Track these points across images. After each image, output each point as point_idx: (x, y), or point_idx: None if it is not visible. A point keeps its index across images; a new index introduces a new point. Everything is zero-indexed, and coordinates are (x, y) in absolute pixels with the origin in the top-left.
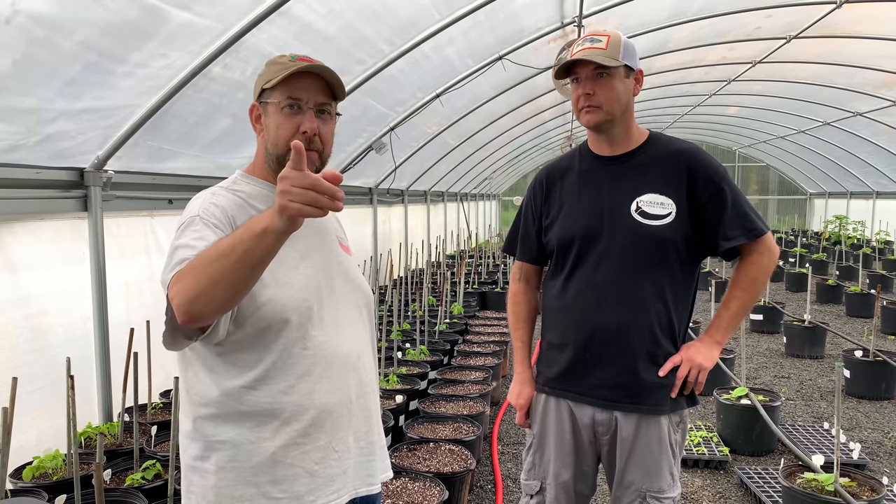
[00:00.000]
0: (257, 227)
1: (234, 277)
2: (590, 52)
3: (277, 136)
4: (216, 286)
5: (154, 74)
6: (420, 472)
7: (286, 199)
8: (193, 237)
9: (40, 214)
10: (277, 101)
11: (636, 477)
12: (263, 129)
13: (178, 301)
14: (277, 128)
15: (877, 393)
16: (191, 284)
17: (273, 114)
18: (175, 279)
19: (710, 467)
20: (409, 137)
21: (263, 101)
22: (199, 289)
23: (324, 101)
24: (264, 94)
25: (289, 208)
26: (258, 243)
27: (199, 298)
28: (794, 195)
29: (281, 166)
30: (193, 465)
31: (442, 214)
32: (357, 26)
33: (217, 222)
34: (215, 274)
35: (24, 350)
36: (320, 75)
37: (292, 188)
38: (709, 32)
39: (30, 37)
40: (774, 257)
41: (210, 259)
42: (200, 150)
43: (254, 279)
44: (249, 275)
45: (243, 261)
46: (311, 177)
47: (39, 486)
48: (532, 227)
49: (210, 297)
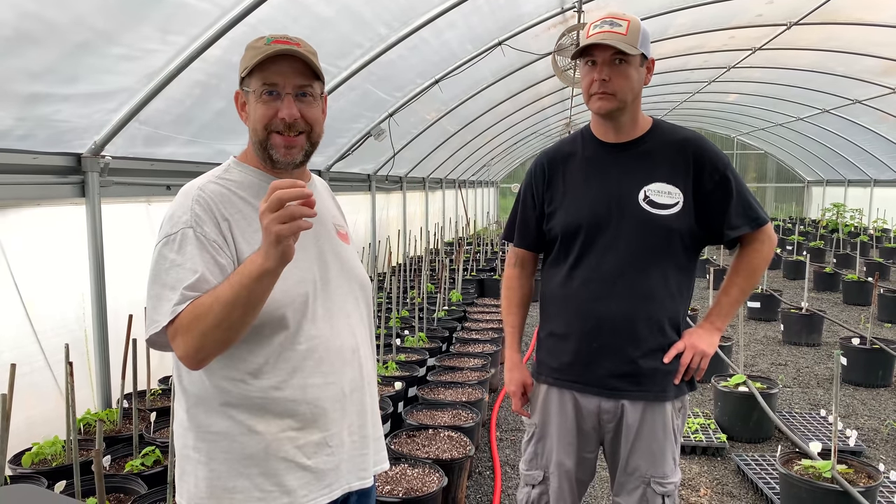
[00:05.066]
0: (255, 271)
1: (236, 320)
2: (610, 36)
3: (255, 123)
4: (220, 330)
5: (152, 58)
6: (419, 459)
7: (275, 228)
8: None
9: (37, 200)
10: (254, 88)
11: (641, 463)
12: (247, 116)
13: (184, 353)
14: (255, 114)
15: (873, 380)
16: (195, 337)
17: (252, 101)
18: (174, 329)
19: (708, 454)
20: (408, 124)
21: (244, 88)
22: (202, 340)
23: (303, 82)
24: (244, 82)
25: (281, 232)
26: (257, 285)
27: (204, 348)
28: (792, 183)
29: (265, 153)
30: (187, 454)
31: (440, 201)
32: (356, 9)
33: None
34: (218, 321)
35: (19, 334)
36: (297, 57)
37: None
38: (710, 19)
39: (22, 11)
40: (773, 245)
41: (210, 309)
42: (198, 134)
43: (255, 316)
44: (250, 314)
45: (246, 305)
46: (274, 196)
47: (39, 473)
48: (531, 213)
49: (215, 342)
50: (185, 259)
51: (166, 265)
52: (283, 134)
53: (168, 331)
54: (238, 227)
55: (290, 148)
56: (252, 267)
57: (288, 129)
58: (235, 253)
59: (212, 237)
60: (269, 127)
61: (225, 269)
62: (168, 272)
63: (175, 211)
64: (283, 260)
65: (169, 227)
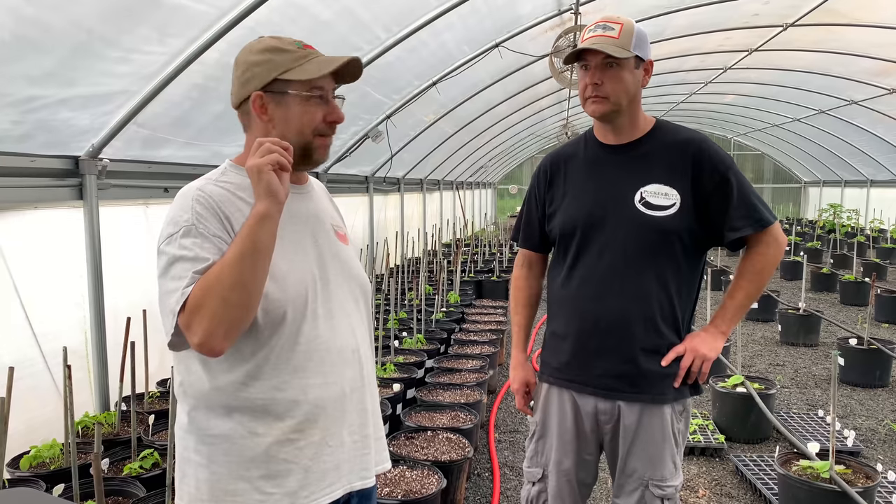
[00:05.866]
0: (251, 219)
1: (248, 277)
2: (601, 40)
3: (302, 125)
4: (234, 295)
5: (149, 60)
6: (418, 461)
7: (255, 161)
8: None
9: (35, 203)
10: (298, 91)
11: (639, 465)
12: (271, 119)
13: (203, 337)
14: (302, 117)
15: (871, 381)
16: (210, 310)
17: (295, 104)
18: (187, 314)
19: (706, 455)
20: (405, 125)
21: (276, 90)
22: (219, 313)
23: (335, 86)
24: (276, 84)
25: (261, 163)
26: (258, 231)
27: (222, 322)
28: (789, 183)
29: (305, 153)
30: (188, 456)
31: (438, 203)
32: (354, 11)
33: (210, 228)
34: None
35: (17, 337)
36: (352, 66)
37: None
38: (706, 20)
39: (19, 15)
40: (781, 248)
41: (219, 275)
42: (195, 137)
43: (265, 271)
44: (259, 266)
45: (253, 256)
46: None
47: (37, 476)
48: (535, 214)
49: (231, 312)
50: (189, 251)
51: (172, 261)
52: (326, 136)
53: (181, 320)
54: (238, 225)
55: (327, 148)
56: (247, 220)
57: (332, 130)
58: None
59: (214, 231)
60: (316, 130)
61: None
62: (174, 266)
63: (176, 212)
64: (272, 194)
65: (171, 228)
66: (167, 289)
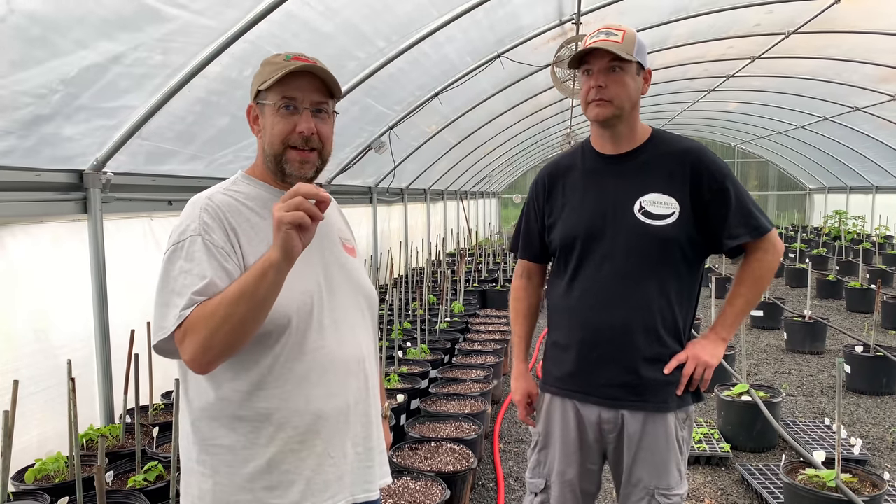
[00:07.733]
0: (259, 264)
1: (243, 318)
2: (606, 43)
3: (273, 136)
4: (227, 328)
5: (153, 74)
6: (421, 472)
7: (279, 213)
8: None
9: (40, 217)
10: (273, 101)
11: (644, 474)
12: (261, 130)
13: (192, 356)
14: (273, 128)
15: (877, 388)
16: (203, 337)
17: (269, 114)
18: (182, 332)
19: (712, 464)
20: (408, 136)
21: (260, 101)
22: (210, 340)
23: (320, 99)
24: (260, 95)
25: (283, 218)
26: (262, 280)
27: (211, 349)
28: (794, 190)
29: (279, 167)
30: (191, 467)
31: (441, 213)
32: (355, 24)
33: (216, 240)
34: (224, 318)
35: (26, 352)
36: (316, 74)
37: (281, 206)
38: (708, 29)
39: (26, 36)
40: (779, 254)
41: (217, 307)
42: (199, 150)
43: (263, 315)
44: (257, 311)
45: (252, 300)
46: (292, 190)
47: (42, 489)
48: (534, 225)
49: (222, 342)
50: (194, 265)
51: (175, 272)
52: (300, 149)
53: (176, 335)
54: (245, 236)
55: (304, 163)
56: (258, 262)
57: (304, 143)
58: (242, 261)
59: (220, 244)
60: (286, 141)
61: (232, 274)
62: (177, 279)
63: (184, 220)
64: (285, 251)
65: (178, 236)
66: (166, 301)
